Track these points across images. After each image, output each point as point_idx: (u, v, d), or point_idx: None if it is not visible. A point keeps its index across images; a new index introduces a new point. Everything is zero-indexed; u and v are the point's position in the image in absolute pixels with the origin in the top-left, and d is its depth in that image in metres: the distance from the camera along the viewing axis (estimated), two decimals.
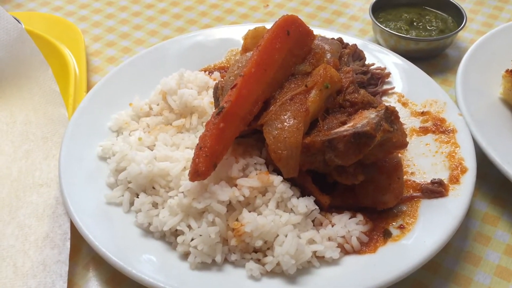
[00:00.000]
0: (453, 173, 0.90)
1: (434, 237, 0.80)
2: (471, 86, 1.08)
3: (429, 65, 1.26)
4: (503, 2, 1.49)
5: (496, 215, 0.94)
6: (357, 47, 1.10)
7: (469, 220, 0.93)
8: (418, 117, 1.03)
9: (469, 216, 0.93)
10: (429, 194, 0.88)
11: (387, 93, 1.09)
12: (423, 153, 0.97)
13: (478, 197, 0.97)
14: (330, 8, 1.49)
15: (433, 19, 1.32)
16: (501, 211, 0.94)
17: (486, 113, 1.03)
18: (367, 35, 1.37)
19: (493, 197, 0.96)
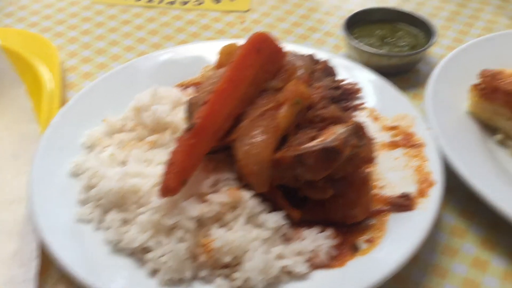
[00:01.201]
0: (421, 186, 0.92)
1: (401, 250, 0.81)
2: (440, 100, 1.10)
3: (401, 80, 1.28)
4: (473, 19, 1.53)
5: (464, 227, 0.96)
6: (328, 63, 1.12)
7: (437, 233, 0.94)
8: (388, 132, 1.05)
9: (438, 229, 0.95)
10: (397, 208, 0.89)
11: (358, 108, 1.11)
12: (392, 167, 0.98)
13: (447, 210, 0.99)
14: (305, 24, 1.51)
15: (405, 36, 1.35)
16: (469, 223, 0.96)
17: (455, 127, 1.06)
18: (341, 51, 1.39)
19: (461, 210, 0.98)
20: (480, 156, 1.00)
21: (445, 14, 1.55)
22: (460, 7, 1.58)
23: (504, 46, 1.26)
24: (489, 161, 1.00)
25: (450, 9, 1.57)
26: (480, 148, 1.03)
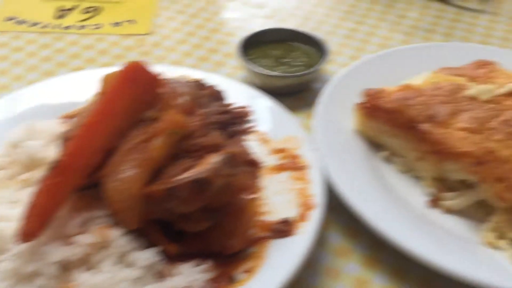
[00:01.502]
0: (302, 210, 0.92)
1: (278, 278, 0.80)
2: (329, 120, 1.12)
3: (296, 100, 1.29)
4: (369, 35, 1.57)
5: (349, 247, 0.97)
6: (215, 88, 1.11)
7: (322, 255, 0.95)
8: (276, 155, 1.05)
9: (322, 251, 0.95)
10: (277, 234, 0.89)
11: (248, 132, 1.10)
12: (278, 191, 0.98)
13: (332, 230, 0.99)
14: (206, 46, 1.50)
15: (300, 55, 1.36)
16: (354, 242, 0.97)
17: (341, 146, 1.07)
18: (239, 73, 1.39)
19: (347, 229, 0.99)
20: (363, 176, 1.01)
21: (343, 32, 1.59)
22: (357, 24, 1.62)
23: (394, 63, 1.30)
24: (372, 180, 1.02)
25: (348, 27, 1.61)
26: (365, 167, 1.04)
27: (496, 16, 1.68)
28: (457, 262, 0.85)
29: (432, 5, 1.73)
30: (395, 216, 0.93)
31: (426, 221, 0.96)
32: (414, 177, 1.06)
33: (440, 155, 0.97)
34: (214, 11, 1.67)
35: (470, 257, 0.88)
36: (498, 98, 1.05)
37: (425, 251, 0.86)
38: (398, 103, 1.04)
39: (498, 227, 0.92)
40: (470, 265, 0.86)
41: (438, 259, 0.85)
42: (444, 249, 0.88)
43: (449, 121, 1.01)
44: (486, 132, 0.97)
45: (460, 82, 1.10)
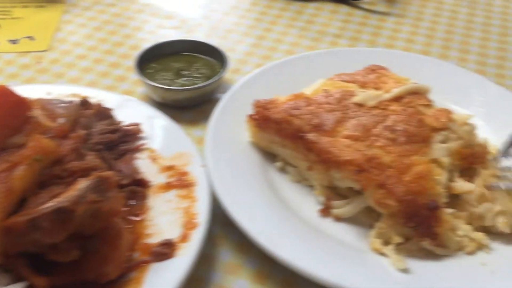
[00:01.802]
0: (185, 230, 0.90)
1: None
2: (223, 132, 1.10)
3: (198, 112, 1.27)
4: (277, 43, 1.57)
5: (239, 263, 0.95)
6: (102, 106, 1.08)
7: (211, 273, 0.93)
8: (165, 172, 1.02)
9: (211, 269, 0.93)
10: (157, 257, 0.86)
11: (139, 150, 1.07)
12: (164, 211, 0.95)
13: (223, 247, 0.97)
14: (107, 60, 1.46)
15: (202, 66, 1.34)
16: (244, 258, 0.96)
17: (233, 160, 1.06)
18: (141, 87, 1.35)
19: (237, 245, 0.97)
20: (254, 189, 1.00)
21: (250, 40, 1.58)
22: (266, 32, 1.62)
23: (294, 70, 1.30)
24: (264, 193, 1.01)
25: (256, 35, 1.61)
26: (257, 180, 1.03)
27: (402, 18, 1.71)
28: (340, 273, 0.85)
29: (341, 10, 1.74)
30: (281, 230, 0.93)
31: (315, 232, 0.95)
32: (307, 186, 1.05)
33: (326, 164, 0.97)
34: (120, 23, 1.63)
35: (354, 267, 0.88)
36: (384, 104, 1.06)
37: (307, 265, 0.86)
38: (285, 113, 1.03)
39: (383, 233, 0.93)
40: (352, 275, 0.86)
41: (322, 273, 0.85)
42: (328, 261, 0.88)
43: (336, 129, 1.01)
44: (369, 139, 0.98)
45: (350, 88, 1.11)
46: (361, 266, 0.89)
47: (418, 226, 0.90)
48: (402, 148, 0.96)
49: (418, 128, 1.00)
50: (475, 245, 0.92)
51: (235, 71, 1.43)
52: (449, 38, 1.62)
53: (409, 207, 0.89)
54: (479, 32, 1.66)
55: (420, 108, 1.05)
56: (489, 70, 1.48)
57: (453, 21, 1.70)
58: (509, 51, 1.57)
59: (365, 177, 0.92)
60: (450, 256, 0.91)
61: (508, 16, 1.73)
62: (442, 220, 0.89)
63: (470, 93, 1.27)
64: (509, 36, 1.63)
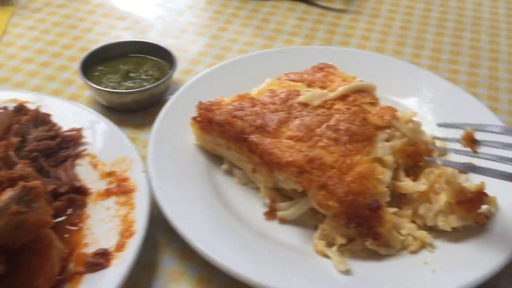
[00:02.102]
0: (122, 238, 0.87)
1: None
2: (169, 135, 1.08)
3: (148, 115, 1.24)
4: (232, 42, 1.55)
5: (182, 270, 0.93)
6: (39, 112, 1.04)
7: (153, 281, 0.91)
8: (105, 179, 0.99)
9: (153, 277, 0.91)
10: (91, 268, 0.83)
11: (79, 156, 1.04)
12: (102, 219, 0.93)
13: (166, 253, 0.95)
14: (55, 63, 1.42)
15: (150, 68, 1.31)
16: (187, 265, 0.94)
17: (177, 164, 1.03)
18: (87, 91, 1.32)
19: (180, 251, 0.95)
20: (197, 194, 0.99)
21: (204, 40, 1.55)
22: (220, 31, 1.60)
23: (244, 70, 1.28)
24: (207, 198, 0.99)
25: (210, 34, 1.58)
26: (201, 184, 1.02)
27: (358, 15, 1.71)
28: (281, 278, 0.84)
29: (297, 8, 1.73)
30: (223, 236, 0.91)
31: (259, 237, 0.93)
32: (254, 188, 1.04)
33: (269, 166, 0.96)
34: (70, 24, 1.59)
35: (296, 271, 0.87)
36: (330, 103, 1.05)
37: (248, 271, 0.84)
38: (228, 115, 1.01)
39: (326, 234, 0.92)
40: (293, 280, 0.84)
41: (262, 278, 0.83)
42: (269, 266, 0.87)
43: (279, 130, 0.99)
44: (313, 139, 0.97)
45: (297, 88, 1.10)
46: (304, 270, 0.88)
47: (360, 227, 0.89)
48: (345, 147, 0.95)
49: (362, 127, 0.99)
50: (419, 243, 0.91)
51: (187, 72, 1.41)
52: (404, 35, 1.62)
53: (351, 208, 0.88)
54: (434, 27, 1.66)
55: (365, 106, 1.05)
56: (442, 66, 1.48)
57: (409, 17, 1.70)
58: (464, 46, 1.57)
59: (306, 178, 0.91)
60: (393, 255, 0.90)
61: (464, 11, 1.74)
62: (384, 219, 0.89)
63: (420, 89, 1.26)
64: (464, 32, 1.64)
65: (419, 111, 1.19)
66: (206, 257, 0.86)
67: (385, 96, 1.22)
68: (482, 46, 1.57)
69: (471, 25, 1.67)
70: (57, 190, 0.95)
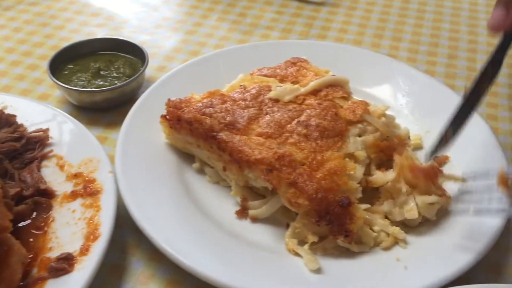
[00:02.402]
0: (86, 242, 0.85)
1: None
2: (138, 134, 1.06)
3: (119, 114, 1.19)
4: (208, 37, 1.53)
5: (151, 272, 0.91)
6: (3, 113, 1.02)
7: (121, 284, 0.88)
8: (72, 181, 0.97)
9: (122, 280, 0.89)
10: (54, 273, 0.81)
11: (46, 157, 1.02)
12: (67, 222, 0.90)
13: (135, 255, 0.93)
14: (25, 62, 1.39)
15: (122, 65, 1.29)
16: (157, 267, 0.91)
17: (146, 163, 1.01)
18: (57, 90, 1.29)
19: (150, 253, 0.93)
20: (166, 194, 0.97)
21: (179, 36, 1.53)
22: (196, 26, 1.57)
23: (217, 65, 1.26)
24: (177, 198, 0.97)
25: (185, 29, 1.56)
26: (171, 183, 0.99)
27: (336, 7, 1.69)
28: (251, 279, 0.82)
29: (275, 1, 1.71)
30: (192, 237, 0.89)
31: (229, 237, 0.92)
32: (226, 187, 1.02)
33: (239, 164, 0.94)
34: (42, 22, 1.56)
35: (266, 271, 0.85)
36: (301, 98, 1.03)
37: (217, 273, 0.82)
38: (197, 113, 0.99)
39: (298, 232, 0.90)
40: (263, 281, 0.83)
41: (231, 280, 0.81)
42: (239, 267, 0.85)
43: (249, 127, 0.97)
44: (283, 136, 0.95)
45: (269, 83, 1.08)
46: (275, 270, 0.86)
47: (331, 224, 0.87)
48: (315, 143, 0.94)
49: (333, 122, 0.97)
50: (392, 240, 0.90)
51: (161, 69, 1.39)
52: (382, 27, 1.60)
53: (321, 205, 0.87)
54: (412, 19, 1.64)
55: (337, 101, 1.03)
56: (421, 58, 1.47)
57: (387, 9, 1.68)
58: (443, 37, 1.56)
59: (275, 176, 0.89)
60: (366, 252, 0.89)
61: (443, 2, 1.72)
62: (355, 216, 0.87)
63: (396, 82, 1.25)
64: (443, 23, 1.62)
65: (394, 105, 1.17)
66: (174, 259, 0.84)
67: (360, 89, 1.21)
68: (461, 37, 1.56)
69: (450, 16, 1.65)
70: (21, 193, 0.93)
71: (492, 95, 1.32)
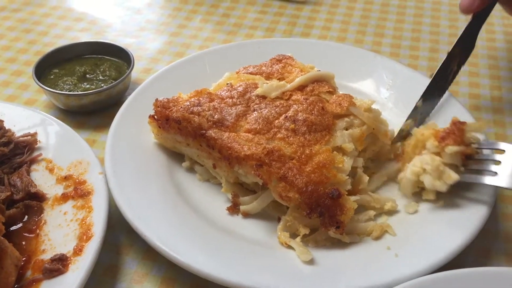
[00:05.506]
0: (80, 242, 0.85)
1: None
2: (127, 135, 1.06)
3: (107, 116, 1.21)
4: (192, 38, 1.53)
5: (145, 271, 0.91)
6: None
7: (116, 284, 0.89)
8: (62, 183, 0.97)
9: (116, 280, 0.89)
10: (49, 274, 0.81)
11: (35, 161, 1.02)
12: (59, 224, 0.90)
13: (129, 255, 0.93)
14: (9, 69, 1.39)
15: (108, 68, 1.29)
16: (151, 265, 0.92)
17: (136, 164, 1.02)
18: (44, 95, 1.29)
19: (143, 252, 0.94)
20: (156, 194, 0.97)
21: (164, 38, 1.53)
22: (180, 28, 1.58)
23: (202, 65, 1.27)
24: (167, 197, 0.97)
25: (170, 32, 1.56)
26: (161, 183, 1.00)
27: (319, 5, 1.70)
28: (244, 273, 0.83)
29: (258, 1, 1.72)
30: (185, 234, 0.90)
31: (221, 233, 0.92)
32: (216, 184, 1.03)
33: (228, 161, 0.94)
34: (25, 28, 1.55)
35: (259, 265, 0.86)
36: (287, 94, 1.04)
37: (210, 268, 0.83)
38: (185, 111, 1.00)
39: (290, 225, 0.91)
40: (257, 274, 0.83)
41: (224, 274, 0.82)
42: (232, 262, 0.86)
43: (237, 124, 0.98)
44: (271, 131, 0.96)
45: (255, 80, 1.09)
46: (268, 263, 0.87)
47: (322, 216, 0.88)
48: (303, 138, 0.95)
49: (320, 117, 0.99)
50: (381, 229, 0.91)
51: (147, 71, 1.39)
52: (365, 23, 1.62)
53: (311, 198, 0.88)
54: (394, 15, 1.67)
55: (323, 95, 1.04)
56: (403, 52, 1.49)
57: (369, 6, 1.70)
58: (424, 32, 1.58)
59: (265, 171, 0.90)
60: (357, 243, 0.90)
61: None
62: (345, 207, 0.88)
63: (380, 76, 1.27)
64: (424, 18, 1.65)
65: (379, 98, 1.19)
66: (168, 256, 0.84)
67: (345, 84, 1.23)
68: (442, 31, 1.59)
69: (431, 10, 1.68)
70: (12, 197, 0.93)
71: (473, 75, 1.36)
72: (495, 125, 1.22)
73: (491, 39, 1.53)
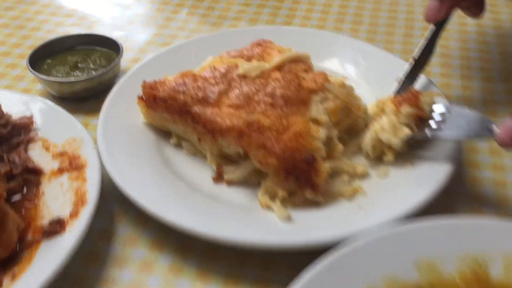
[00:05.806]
0: (75, 208, 0.92)
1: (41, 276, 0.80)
2: (118, 115, 1.14)
3: (99, 102, 1.25)
4: (179, 30, 1.61)
5: (137, 235, 0.98)
6: None
7: (110, 246, 0.96)
8: (57, 159, 1.04)
9: (110, 243, 0.97)
10: (48, 235, 0.89)
11: (32, 141, 1.09)
12: (56, 194, 0.98)
13: (122, 222, 1.01)
14: (4, 62, 1.45)
15: (99, 58, 1.36)
16: (141, 230, 0.99)
17: (126, 140, 1.09)
18: (38, 84, 1.36)
19: (135, 219, 1.01)
20: (147, 166, 1.04)
21: (152, 30, 1.61)
22: (167, 21, 1.65)
23: (188, 53, 1.35)
24: (157, 168, 1.04)
25: (157, 24, 1.64)
26: (151, 157, 1.07)
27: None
28: (228, 230, 0.90)
29: None
30: (172, 198, 0.97)
31: (208, 198, 1.00)
32: (202, 158, 1.10)
33: (212, 134, 1.02)
34: (18, 25, 1.63)
35: (242, 223, 0.93)
36: (267, 73, 1.12)
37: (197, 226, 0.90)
38: (171, 91, 1.08)
39: (269, 189, 0.99)
40: (240, 230, 0.91)
41: (210, 231, 0.89)
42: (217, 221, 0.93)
43: (220, 101, 1.06)
44: (251, 106, 1.04)
45: (236, 63, 1.16)
46: (250, 222, 0.94)
47: (298, 179, 0.96)
48: (281, 110, 1.03)
49: (297, 92, 1.06)
50: (353, 190, 0.99)
51: (136, 60, 1.47)
52: (343, 12, 1.70)
53: (288, 163, 0.95)
54: (371, 4, 1.75)
55: (300, 73, 1.12)
56: (379, 38, 1.57)
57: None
58: (399, 19, 1.67)
59: (246, 140, 0.98)
60: (331, 203, 0.98)
61: None
62: (320, 171, 0.96)
63: (357, 59, 1.34)
64: (400, 6, 1.74)
65: (355, 78, 1.27)
66: (157, 217, 0.91)
67: (322, 66, 1.31)
68: (416, 17, 1.67)
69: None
70: (11, 172, 1.00)
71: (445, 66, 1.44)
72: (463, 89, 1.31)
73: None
